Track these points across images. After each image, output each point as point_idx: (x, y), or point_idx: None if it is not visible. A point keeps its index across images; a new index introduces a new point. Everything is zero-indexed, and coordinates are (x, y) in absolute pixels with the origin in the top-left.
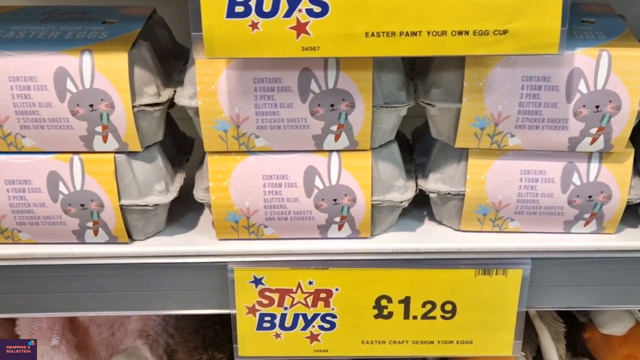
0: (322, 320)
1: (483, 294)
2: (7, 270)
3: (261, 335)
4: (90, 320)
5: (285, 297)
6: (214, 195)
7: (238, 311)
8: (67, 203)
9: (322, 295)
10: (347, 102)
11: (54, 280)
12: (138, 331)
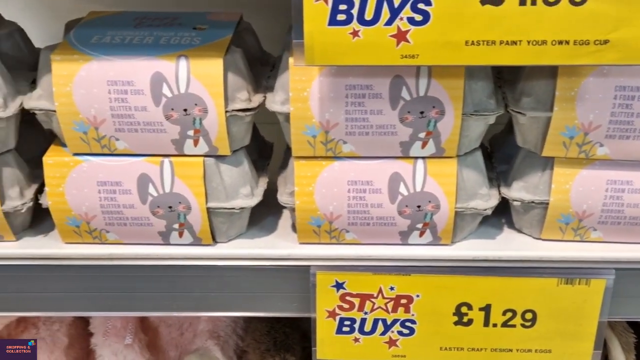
0: (402, 326)
1: (564, 304)
2: (94, 270)
3: (340, 339)
4: (161, 320)
5: (365, 302)
6: (298, 199)
7: (318, 315)
8: (156, 205)
9: (402, 301)
10: (437, 110)
11: (139, 280)
12: (209, 332)
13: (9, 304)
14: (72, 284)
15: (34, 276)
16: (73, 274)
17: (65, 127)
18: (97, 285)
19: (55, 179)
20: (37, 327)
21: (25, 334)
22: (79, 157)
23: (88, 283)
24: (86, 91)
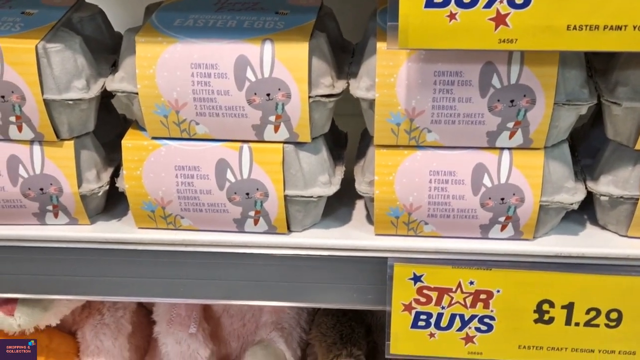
0: (480, 322)
1: None
2: (167, 255)
3: (415, 334)
4: (223, 310)
5: (443, 296)
6: (378, 189)
7: (394, 308)
8: (233, 191)
9: (482, 297)
10: (528, 99)
11: (212, 267)
12: (273, 323)
13: (81, 287)
14: (144, 270)
15: (106, 260)
16: (146, 259)
17: (146, 110)
18: (169, 272)
19: (133, 163)
20: (101, 313)
21: (90, 319)
22: (157, 141)
23: (160, 269)
24: (169, 74)
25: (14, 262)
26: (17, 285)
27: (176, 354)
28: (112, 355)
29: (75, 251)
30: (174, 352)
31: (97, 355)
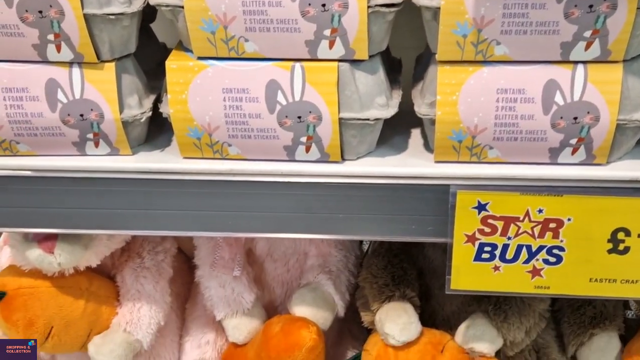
0: (548, 253)
1: None
2: (214, 186)
3: (478, 267)
4: (267, 255)
5: (510, 225)
6: (440, 110)
7: (455, 240)
8: (284, 115)
9: (551, 225)
10: (609, 3)
11: (260, 198)
12: (319, 267)
13: (122, 221)
14: (189, 202)
15: (150, 192)
16: (191, 190)
17: (192, 25)
18: (216, 204)
19: (177, 85)
20: (141, 257)
21: (130, 263)
22: (203, 62)
23: (206, 201)
24: None
25: (53, 194)
26: (56, 219)
27: (220, 298)
28: (153, 300)
29: (117, 182)
30: (218, 297)
31: (138, 300)
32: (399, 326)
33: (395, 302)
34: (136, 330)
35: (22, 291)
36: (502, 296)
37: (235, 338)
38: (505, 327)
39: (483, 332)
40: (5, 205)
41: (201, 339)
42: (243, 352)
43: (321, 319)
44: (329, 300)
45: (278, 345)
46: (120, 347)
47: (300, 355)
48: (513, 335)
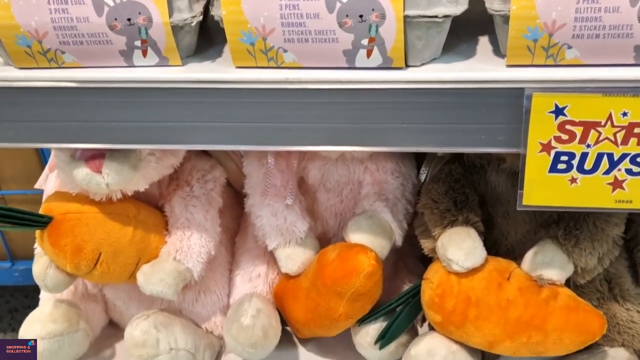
0: (632, 163)
1: None
2: (268, 95)
3: (553, 180)
4: (320, 184)
5: (590, 131)
6: (515, 4)
7: (529, 149)
8: (345, 13)
9: (636, 131)
10: None
11: (317, 107)
12: (375, 194)
13: (172, 135)
14: (242, 113)
15: (201, 103)
16: (245, 99)
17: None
18: (271, 114)
19: None
20: (190, 185)
21: (178, 192)
22: None
23: (261, 111)
24: None
25: (99, 107)
26: (103, 134)
27: (272, 227)
28: (203, 229)
29: (166, 93)
30: (270, 226)
31: (188, 228)
32: (464, 251)
33: (459, 227)
34: (186, 259)
35: (70, 216)
36: (572, 221)
37: (288, 269)
38: (576, 252)
39: (552, 258)
40: (51, 120)
41: (252, 272)
42: (296, 284)
43: (378, 246)
44: (386, 228)
45: (334, 272)
46: (170, 275)
47: (358, 281)
48: (585, 262)
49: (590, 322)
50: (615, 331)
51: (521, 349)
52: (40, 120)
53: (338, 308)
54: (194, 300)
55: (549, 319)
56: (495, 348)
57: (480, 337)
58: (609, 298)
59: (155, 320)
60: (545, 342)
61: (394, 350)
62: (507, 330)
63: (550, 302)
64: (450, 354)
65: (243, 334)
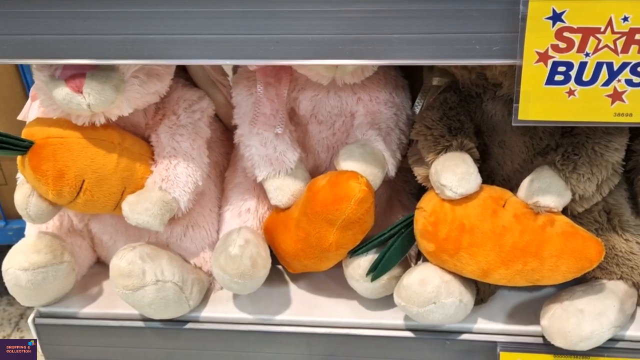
0: (632, 73)
1: None
2: (256, 3)
3: (550, 92)
4: (311, 115)
5: (589, 38)
6: None
7: (525, 59)
8: None
9: (637, 37)
10: None
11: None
12: (368, 124)
13: (155, 49)
14: (227, 23)
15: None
16: (229, 8)
17: None
18: (256, 24)
19: None
20: (177, 115)
21: (165, 121)
22: None
23: (245, 21)
24: None
25: (77, 19)
26: (82, 48)
27: (261, 157)
28: (190, 158)
29: (148, 3)
30: (259, 155)
31: (174, 157)
32: (457, 176)
33: (453, 153)
34: (172, 188)
35: (51, 141)
36: (571, 146)
37: (278, 200)
38: (574, 178)
39: (549, 185)
40: (27, 33)
41: (241, 207)
42: (287, 215)
43: (370, 175)
44: (379, 156)
45: (325, 198)
46: (156, 205)
47: (349, 207)
48: (583, 188)
49: (587, 248)
50: (613, 263)
51: (516, 276)
52: (17, 33)
53: (328, 237)
54: (182, 235)
55: (545, 245)
56: (489, 276)
57: (474, 264)
58: (608, 229)
59: (142, 252)
60: (541, 269)
61: (386, 283)
62: (502, 257)
63: (547, 228)
64: (444, 283)
65: (231, 264)
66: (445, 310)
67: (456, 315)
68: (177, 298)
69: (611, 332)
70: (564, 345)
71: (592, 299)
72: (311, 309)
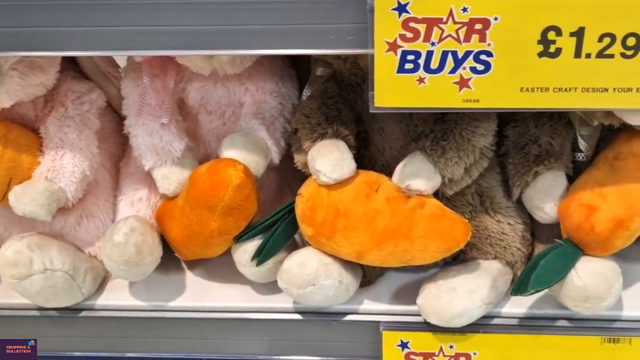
0: (475, 60)
1: None
2: None
3: (402, 80)
4: (200, 106)
5: (433, 28)
6: None
7: (377, 49)
8: None
9: (477, 27)
10: None
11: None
12: (253, 113)
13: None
14: (94, 15)
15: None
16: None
17: None
18: (122, 16)
19: None
20: (65, 106)
21: (54, 112)
22: None
23: (112, 13)
24: None
25: None
26: None
27: (147, 146)
28: (77, 149)
29: None
30: (145, 145)
31: (61, 148)
32: (331, 162)
33: (328, 140)
34: (58, 178)
35: None
36: (440, 132)
37: (165, 189)
38: (442, 162)
39: (419, 169)
40: None
41: (134, 196)
42: (174, 204)
43: (252, 162)
44: (262, 144)
45: (203, 185)
46: (42, 195)
47: (227, 194)
48: (451, 172)
49: (454, 229)
50: (487, 243)
51: (389, 257)
52: None
53: (210, 223)
54: (77, 225)
55: (415, 226)
56: (364, 258)
57: (349, 247)
58: (481, 211)
59: (30, 241)
60: (411, 250)
61: (272, 268)
62: (374, 239)
63: (417, 210)
64: (323, 265)
65: (116, 251)
66: (325, 291)
67: (337, 296)
68: (67, 286)
69: (483, 309)
70: (438, 322)
71: (465, 278)
72: (204, 294)
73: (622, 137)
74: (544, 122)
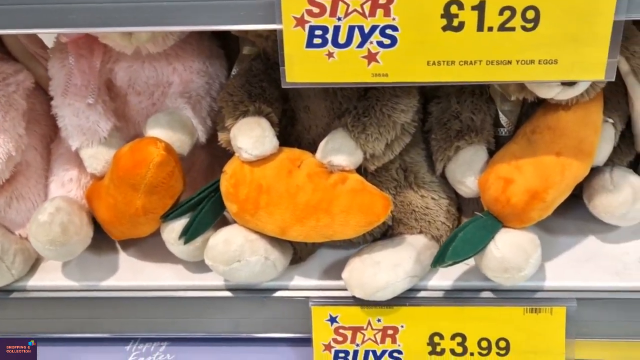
0: (382, 35)
1: None
2: None
3: (311, 55)
4: (128, 86)
5: (339, 3)
6: None
7: (285, 24)
8: None
9: (381, 1)
10: None
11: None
12: (179, 93)
13: None
14: None
15: None
16: None
17: None
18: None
19: None
20: None
21: None
22: None
23: None
24: None
25: None
26: None
27: (74, 126)
28: (2, 129)
29: None
30: (72, 125)
31: None
32: (252, 139)
33: (250, 117)
34: None
35: None
36: (362, 109)
37: (93, 169)
38: (363, 138)
39: (341, 145)
40: None
41: (64, 177)
42: (101, 184)
43: (177, 141)
44: (187, 123)
45: (126, 164)
46: None
47: (149, 172)
48: (372, 147)
49: (374, 204)
50: (412, 218)
51: (311, 232)
52: None
53: (135, 202)
54: (7, 207)
55: (335, 201)
56: (287, 234)
57: (272, 223)
58: (405, 186)
59: None
60: (332, 225)
61: (200, 246)
62: (297, 215)
63: (338, 186)
64: (248, 242)
65: (41, 231)
66: (251, 267)
67: (264, 273)
68: None
69: (407, 282)
70: (363, 296)
71: (389, 252)
72: (136, 274)
73: (539, 112)
74: (465, 98)
